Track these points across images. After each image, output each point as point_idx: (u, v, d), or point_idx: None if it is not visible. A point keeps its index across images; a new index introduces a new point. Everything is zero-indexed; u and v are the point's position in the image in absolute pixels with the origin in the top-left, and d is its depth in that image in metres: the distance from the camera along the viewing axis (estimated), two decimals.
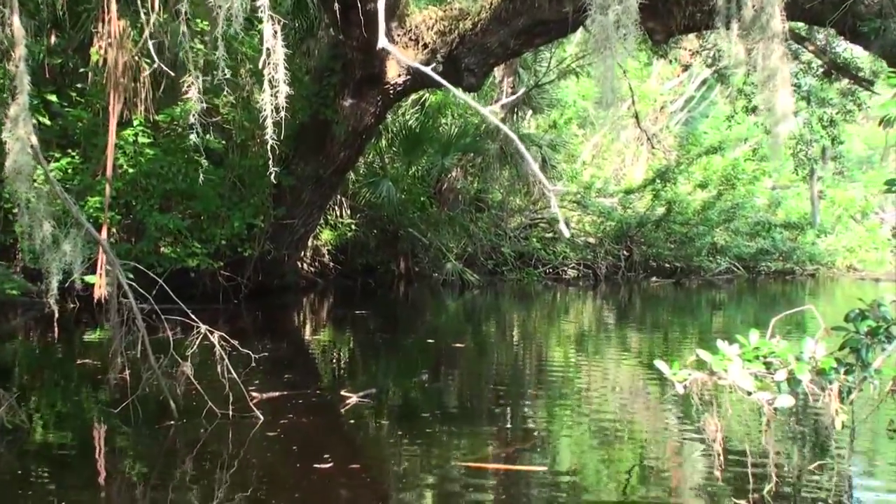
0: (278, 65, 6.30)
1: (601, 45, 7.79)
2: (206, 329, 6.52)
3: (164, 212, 14.77)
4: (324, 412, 7.15)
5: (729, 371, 4.13)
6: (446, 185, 24.17)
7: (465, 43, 14.07)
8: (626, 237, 27.80)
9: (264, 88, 6.39)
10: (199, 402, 6.59)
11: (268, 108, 6.42)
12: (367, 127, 15.74)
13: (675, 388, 4.31)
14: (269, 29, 6.15)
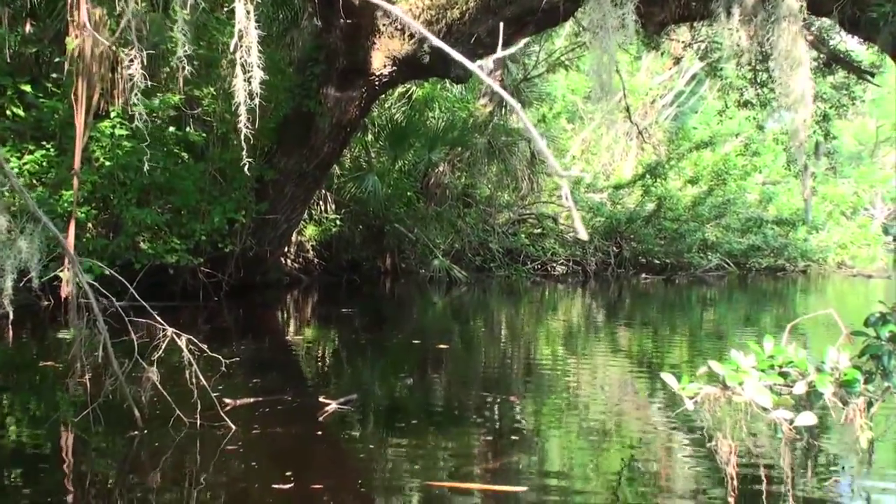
0: (252, 48, 5.84)
1: (598, 28, 7.39)
2: (173, 332, 6.05)
3: (142, 206, 14.31)
4: (299, 421, 6.69)
5: (745, 386, 3.70)
6: (433, 180, 23.77)
7: (453, 33, 13.66)
8: (616, 233, 27.50)
9: (236, 73, 5.94)
10: (166, 409, 6.14)
11: (241, 94, 5.98)
12: (352, 119, 15.30)
13: (685, 404, 3.86)
14: (240, 9, 5.69)
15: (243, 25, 5.82)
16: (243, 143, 6.52)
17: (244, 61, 5.93)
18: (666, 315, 19.27)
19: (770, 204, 34.74)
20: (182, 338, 5.95)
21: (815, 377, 3.73)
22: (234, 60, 14.81)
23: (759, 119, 23.16)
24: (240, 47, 5.84)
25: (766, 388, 3.64)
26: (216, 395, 6.35)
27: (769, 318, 19.49)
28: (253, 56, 5.90)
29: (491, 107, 24.82)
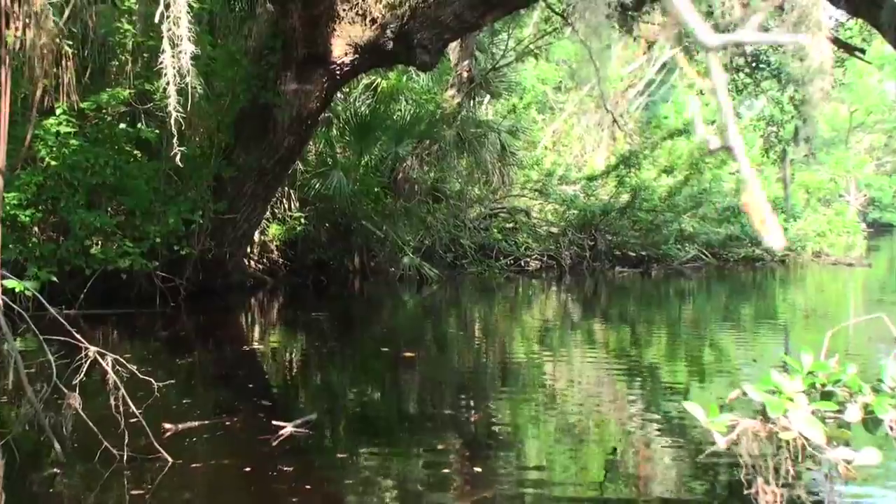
0: (181, 19, 5.04)
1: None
2: (96, 351, 5.23)
3: (92, 208, 13.48)
4: (249, 448, 5.90)
5: (791, 417, 2.91)
6: (401, 175, 23.00)
7: (417, 17, 12.90)
8: (591, 226, 26.82)
9: (163, 48, 5.13)
10: (94, 440, 5.31)
11: (169, 71, 5.23)
12: (313, 111, 14.47)
13: (716, 442, 3.07)
14: None
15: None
16: (172, 126, 5.64)
17: (172, 34, 5.11)
18: (643, 309, 18.88)
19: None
20: (107, 357, 5.12)
21: (873, 399, 2.95)
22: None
23: (735, 105, 22.60)
24: (167, 18, 5.03)
25: (816, 419, 2.87)
26: (161, 421, 5.55)
27: (749, 310, 19.18)
28: (182, 28, 5.12)
29: (459, 98, 24.08)
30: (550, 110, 35.39)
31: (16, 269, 12.48)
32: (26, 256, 12.64)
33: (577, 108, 35.62)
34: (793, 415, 2.90)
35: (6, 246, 12.33)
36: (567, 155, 34.15)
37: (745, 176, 2.14)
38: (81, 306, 13.15)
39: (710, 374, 10.54)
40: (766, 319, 17.44)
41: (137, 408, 5.32)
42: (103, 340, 11.83)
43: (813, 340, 3.48)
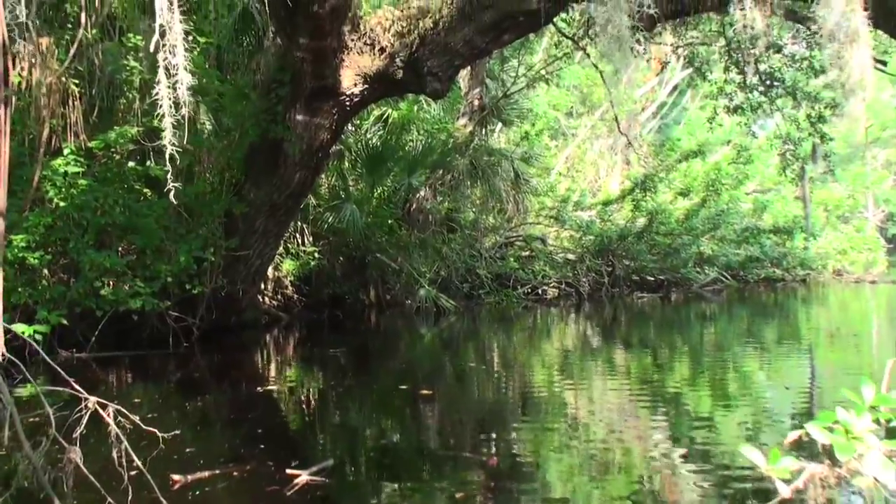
0: (176, 46, 4.79)
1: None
2: (97, 401, 4.94)
3: (101, 248, 13.25)
4: (262, 499, 5.60)
5: (864, 460, 2.59)
6: (415, 206, 22.78)
7: (427, 44, 12.66)
8: (608, 251, 26.61)
9: (159, 78, 4.88)
10: (97, 496, 5.01)
11: (165, 103, 4.93)
12: (324, 144, 14.23)
13: (778, 490, 2.75)
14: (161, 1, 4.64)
15: (166, 19, 4.75)
16: (167, 161, 5.39)
17: (168, 63, 4.86)
18: (664, 334, 18.57)
19: (765, 212, 34.09)
20: (108, 408, 4.83)
21: None
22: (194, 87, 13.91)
23: (750, 123, 22.33)
24: (162, 47, 4.78)
25: (891, 462, 2.55)
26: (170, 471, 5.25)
27: (772, 331, 18.87)
28: (179, 56, 4.84)
29: (471, 126, 23.87)
30: (563, 136, 35.23)
31: (25, 313, 12.30)
32: (36, 300, 12.40)
33: (590, 133, 35.45)
34: (866, 458, 2.57)
35: (15, 289, 12.13)
36: (581, 180, 33.99)
37: None
38: (93, 349, 12.93)
39: (735, 400, 10.23)
40: (789, 341, 17.13)
41: (144, 458, 5.03)
42: (116, 383, 11.61)
43: (838, 361, 3.19)
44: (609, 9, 6.42)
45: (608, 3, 6.33)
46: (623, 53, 6.88)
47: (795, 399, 10.37)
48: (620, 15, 6.52)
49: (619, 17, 6.53)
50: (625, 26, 6.63)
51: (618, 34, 6.73)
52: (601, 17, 6.65)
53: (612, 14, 6.48)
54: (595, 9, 6.65)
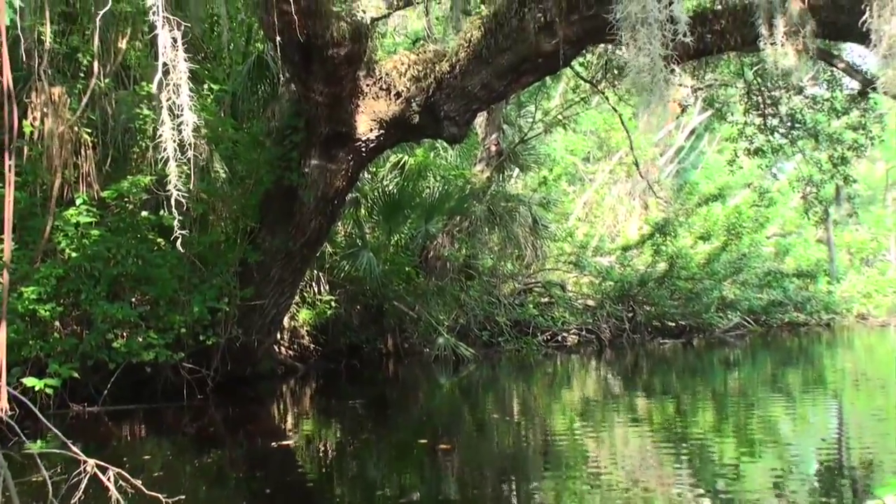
0: (181, 86, 4.54)
1: (637, 24, 6.14)
2: (95, 464, 4.64)
3: (114, 299, 13.00)
4: None
5: None
6: (432, 253, 22.58)
7: (444, 88, 12.47)
8: (628, 297, 26.28)
9: (162, 119, 4.62)
10: None
11: (169, 145, 4.67)
12: (339, 191, 14.01)
13: None
14: (164, 37, 4.40)
15: (169, 58, 4.51)
16: (174, 208, 5.12)
17: (172, 103, 4.61)
18: (687, 381, 18.32)
19: (787, 256, 33.78)
20: (108, 472, 4.53)
21: None
22: (207, 135, 13.75)
23: (771, 165, 22.07)
24: (165, 86, 4.53)
25: None
26: None
27: (797, 377, 18.60)
28: (183, 96, 4.59)
29: (488, 172, 23.74)
30: (581, 181, 35.06)
31: (37, 366, 12.06)
32: (48, 352, 12.16)
33: (608, 178, 35.29)
34: None
35: (26, 342, 11.90)
36: (600, 226, 33.75)
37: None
38: (106, 402, 12.67)
39: (761, 448, 9.94)
40: (815, 387, 16.85)
41: None
42: (129, 438, 11.33)
43: (864, 406, 2.92)
44: (641, 37, 6.13)
45: (640, 31, 6.05)
46: (656, 85, 6.58)
47: (822, 447, 10.12)
48: (653, 43, 6.23)
49: (652, 45, 6.25)
50: (657, 55, 6.34)
51: (651, 64, 6.44)
52: (632, 46, 6.37)
53: (643, 43, 6.20)
54: (625, 38, 6.36)
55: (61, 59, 13.86)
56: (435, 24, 19.59)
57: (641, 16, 6.18)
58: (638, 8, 6.13)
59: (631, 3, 6.19)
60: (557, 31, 11.22)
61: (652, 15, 6.07)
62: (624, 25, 6.39)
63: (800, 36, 7.64)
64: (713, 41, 10.10)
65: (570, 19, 11.21)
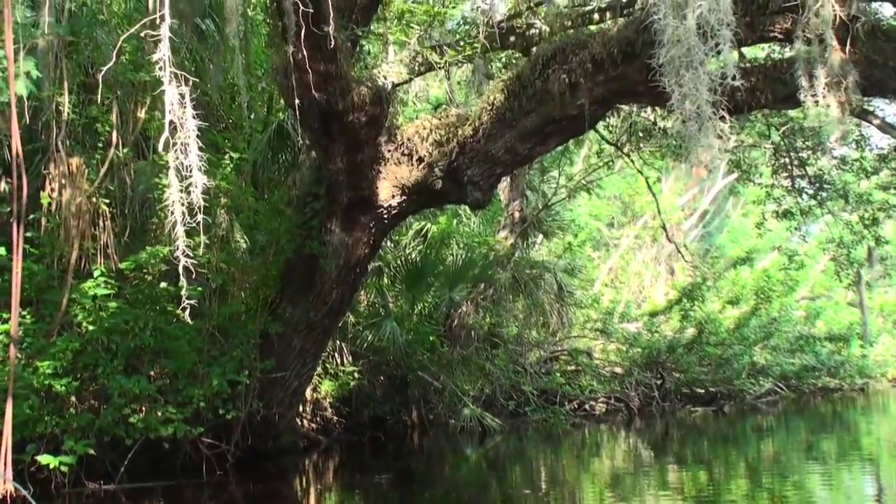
0: (189, 145, 4.24)
1: (681, 68, 5.82)
2: None
3: (131, 373, 12.69)
4: None
5: None
6: (456, 322, 22.27)
7: (467, 152, 12.21)
8: (657, 364, 25.85)
9: (170, 181, 4.32)
10: None
11: (177, 209, 4.39)
12: (361, 259, 13.73)
13: None
14: (172, 93, 4.11)
15: (177, 116, 4.21)
16: (181, 274, 4.80)
17: (180, 164, 4.30)
18: (719, 449, 18.07)
19: (818, 319, 33.32)
20: None
21: None
22: (228, 205, 13.55)
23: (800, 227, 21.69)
24: (172, 146, 4.22)
25: None
26: None
27: (832, 444, 18.20)
28: (192, 155, 4.28)
29: (512, 239, 23.52)
30: (605, 247, 34.82)
31: (52, 443, 11.75)
32: (63, 429, 11.83)
33: (633, 243, 35.05)
34: None
35: (41, 418, 11.60)
36: (626, 291, 33.43)
37: None
38: (123, 480, 12.30)
39: None
40: (851, 453, 16.42)
41: None
42: None
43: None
44: (686, 83, 5.80)
45: (685, 76, 5.72)
46: (704, 133, 6.24)
47: None
48: (700, 88, 5.90)
49: (699, 90, 5.92)
50: (705, 101, 6.02)
51: (698, 111, 6.11)
52: (676, 93, 6.05)
53: (689, 89, 5.87)
54: (668, 84, 6.05)
55: (80, 130, 13.74)
56: (457, 87, 19.50)
57: (686, 59, 5.87)
58: (682, 51, 5.81)
59: (674, 46, 5.87)
60: (582, 92, 10.99)
61: (697, 58, 5.76)
62: (667, 71, 6.08)
63: (842, 87, 7.36)
64: (744, 99, 9.80)
65: (595, 79, 10.98)
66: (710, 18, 5.71)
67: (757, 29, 9.51)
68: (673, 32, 5.83)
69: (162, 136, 4.35)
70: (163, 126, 13.81)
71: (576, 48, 11.20)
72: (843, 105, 7.47)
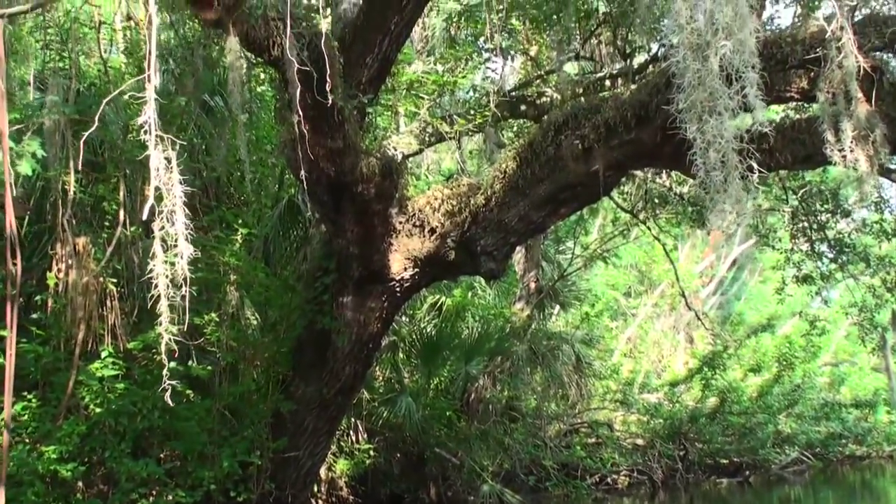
0: (176, 213, 3.97)
1: (703, 114, 5.54)
2: None
3: (139, 456, 12.36)
4: None
5: None
6: (473, 396, 21.92)
7: (479, 222, 11.95)
8: (679, 435, 25.44)
9: (154, 251, 4.05)
10: None
11: (161, 282, 4.12)
12: (374, 334, 13.41)
13: None
14: (157, 157, 3.85)
15: (163, 180, 3.95)
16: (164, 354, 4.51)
17: (165, 233, 4.03)
18: None
19: (842, 386, 32.82)
20: None
21: None
22: (238, 281, 13.32)
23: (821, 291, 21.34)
24: (158, 214, 3.95)
25: None
26: None
27: None
28: (179, 224, 4.02)
29: (528, 310, 23.24)
30: (623, 316, 34.49)
31: None
32: None
33: (651, 312, 34.73)
34: None
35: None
36: (645, 361, 33.04)
37: None
38: None
39: None
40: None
41: None
42: None
43: None
44: (709, 130, 5.50)
45: (708, 122, 5.42)
46: (731, 184, 5.92)
47: None
48: (725, 135, 5.59)
49: (724, 137, 5.60)
50: (730, 149, 5.71)
51: (722, 159, 5.79)
52: (699, 141, 5.74)
53: (712, 136, 5.56)
54: (690, 131, 5.74)
55: (88, 209, 13.58)
56: (468, 157, 19.39)
57: (709, 104, 5.58)
58: (704, 95, 5.53)
59: (696, 90, 5.58)
60: (596, 157, 10.76)
61: (721, 103, 5.48)
62: (688, 117, 5.79)
63: (869, 141, 7.09)
64: (763, 161, 9.55)
65: (609, 144, 10.74)
66: (735, 60, 5.44)
67: (773, 89, 9.27)
68: (694, 75, 5.55)
69: (146, 203, 4.09)
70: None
71: (588, 113, 11.00)
72: (871, 159, 7.19)
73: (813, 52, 7.56)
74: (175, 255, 4.06)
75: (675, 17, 5.52)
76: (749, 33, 5.30)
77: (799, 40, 7.72)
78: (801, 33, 7.80)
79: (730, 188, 5.95)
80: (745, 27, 5.24)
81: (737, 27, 5.19)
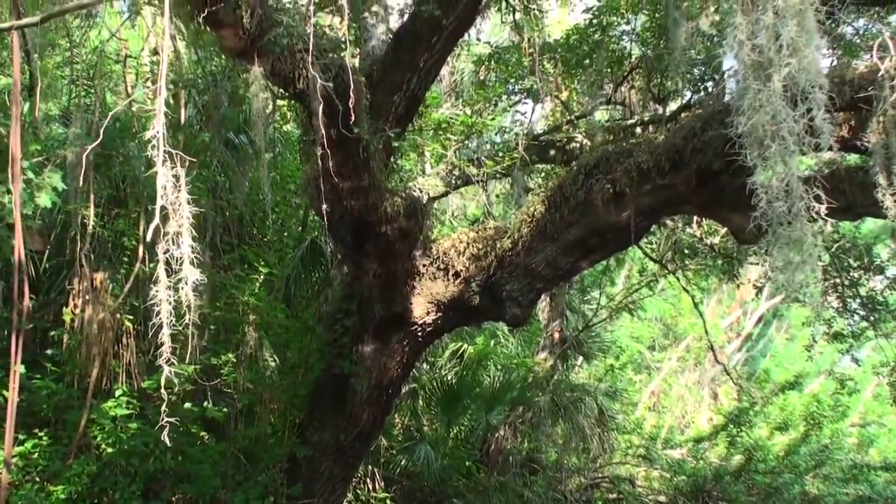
0: (182, 235, 3.68)
1: (766, 138, 5.22)
2: None
3: (151, 498, 12.05)
4: None
5: None
6: (493, 446, 21.56)
7: (505, 266, 11.63)
8: (703, 492, 24.77)
9: (157, 276, 3.77)
10: None
11: (163, 308, 3.83)
12: (394, 379, 13.05)
13: None
14: (164, 175, 3.57)
15: (169, 200, 3.67)
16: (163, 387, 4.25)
17: (170, 255, 3.75)
18: None
19: (871, 447, 32.11)
20: None
21: None
22: (257, 322, 13.05)
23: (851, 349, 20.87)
24: (163, 235, 3.68)
25: None
26: None
27: None
28: (185, 247, 3.73)
29: (551, 360, 22.90)
30: (647, 370, 34.07)
31: None
32: None
33: (676, 367, 34.29)
34: None
35: None
36: (669, 416, 32.54)
37: None
38: None
39: None
40: None
41: None
42: None
43: None
44: (772, 156, 5.13)
45: (770, 147, 5.06)
46: (797, 217, 5.57)
47: None
48: (789, 162, 5.24)
49: (788, 164, 5.26)
50: (795, 177, 5.36)
51: (786, 188, 5.43)
52: (760, 169, 5.40)
53: (776, 161, 5.20)
54: (751, 157, 5.39)
55: (109, 244, 13.39)
56: (495, 201, 19.18)
57: (772, 128, 5.24)
58: (767, 118, 5.20)
59: (758, 112, 5.25)
60: (628, 203, 10.45)
61: (786, 126, 5.16)
62: (749, 142, 5.45)
63: None
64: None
65: (641, 189, 10.43)
66: (800, 79, 5.12)
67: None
68: (755, 97, 5.22)
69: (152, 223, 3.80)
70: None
71: (620, 157, 10.71)
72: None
73: (863, 92, 7.24)
74: (179, 279, 3.76)
75: (735, 32, 5.22)
76: (815, 49, 4.99)
77: (847, 80, 7.39)
78: (850, 73, 7.47)
79: (794, 221, 5.60)
80: (811, 43, 4.93)
81: (803, 43, 4.88)
